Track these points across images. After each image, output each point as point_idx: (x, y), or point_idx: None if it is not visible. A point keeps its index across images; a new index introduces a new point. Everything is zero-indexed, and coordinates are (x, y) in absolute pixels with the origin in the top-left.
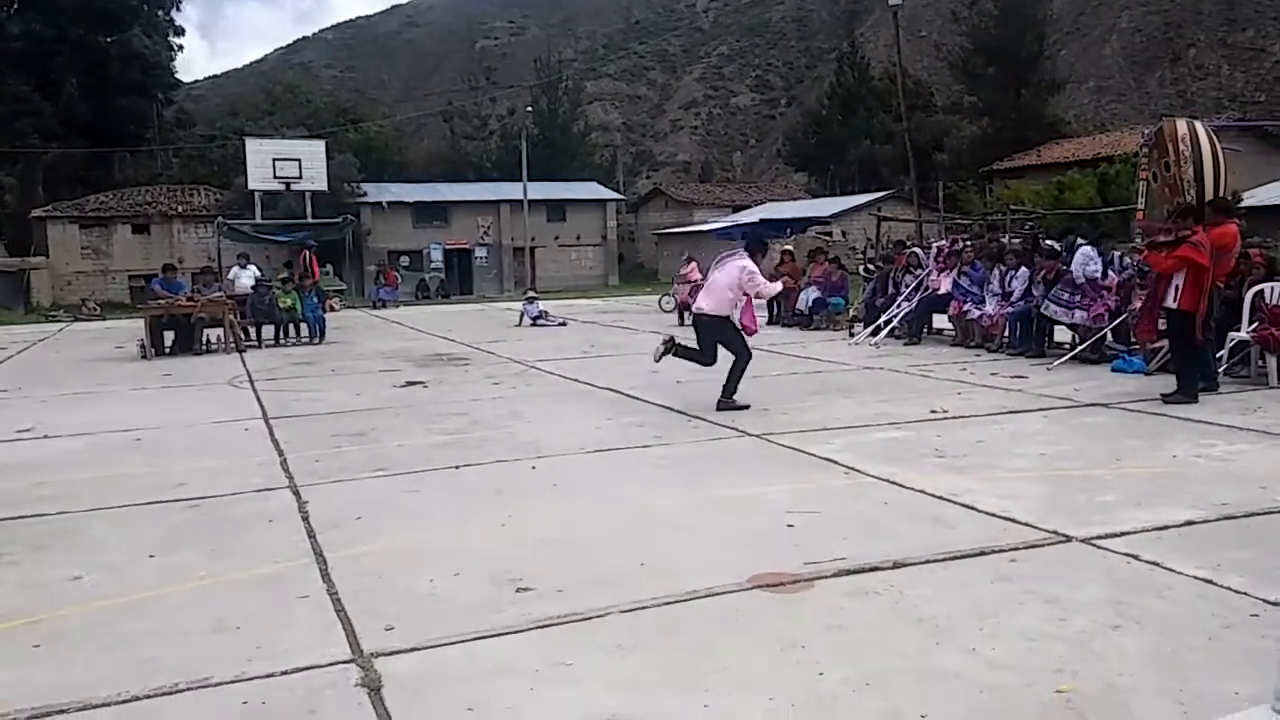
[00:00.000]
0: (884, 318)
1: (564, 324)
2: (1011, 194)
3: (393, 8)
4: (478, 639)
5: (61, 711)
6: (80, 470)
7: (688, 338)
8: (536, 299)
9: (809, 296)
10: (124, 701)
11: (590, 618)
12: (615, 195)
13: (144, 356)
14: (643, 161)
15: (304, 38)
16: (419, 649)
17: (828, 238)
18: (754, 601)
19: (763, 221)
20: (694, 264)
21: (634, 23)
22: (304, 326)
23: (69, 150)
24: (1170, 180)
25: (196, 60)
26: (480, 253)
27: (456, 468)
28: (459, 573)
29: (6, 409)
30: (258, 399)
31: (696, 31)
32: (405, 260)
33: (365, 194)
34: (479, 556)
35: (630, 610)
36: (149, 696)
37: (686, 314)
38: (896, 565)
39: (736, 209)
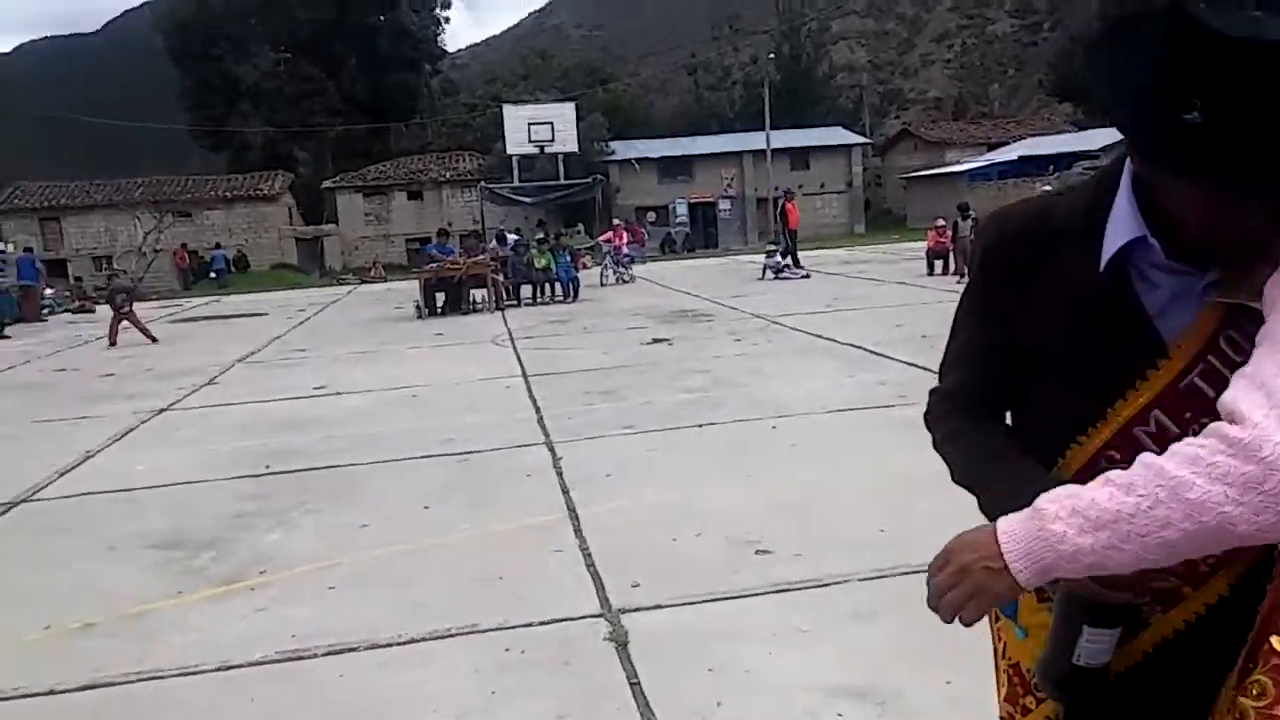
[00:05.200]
0: None
1: (807, 276)
2: None
3: None
4: (718, 600)
5: (352, 650)
6: (366, 425)
7: (935, 285)
8: (777, 250)
9: None
10: (403, 643)
11: (828, 584)
12: (861, 139)
13: (419, 316)
14: (891, 101)
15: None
16: (662, 607)
17: None
18: None
19: (1022, 159)
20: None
21: None
22: (559, 286)
23: (352, 126)
24: None
25: (460, 30)
26: (724, 205)
27: (699, 426)
28: (700, 533)
29: (306, 367)
30: (517, 357)
31: None
32: (652, 216)
33: (613, 152)
34: (720, 517)
35: (870, 578)
36: (424, 639)
37: (937, 263)
38: None
39: (992, 147)
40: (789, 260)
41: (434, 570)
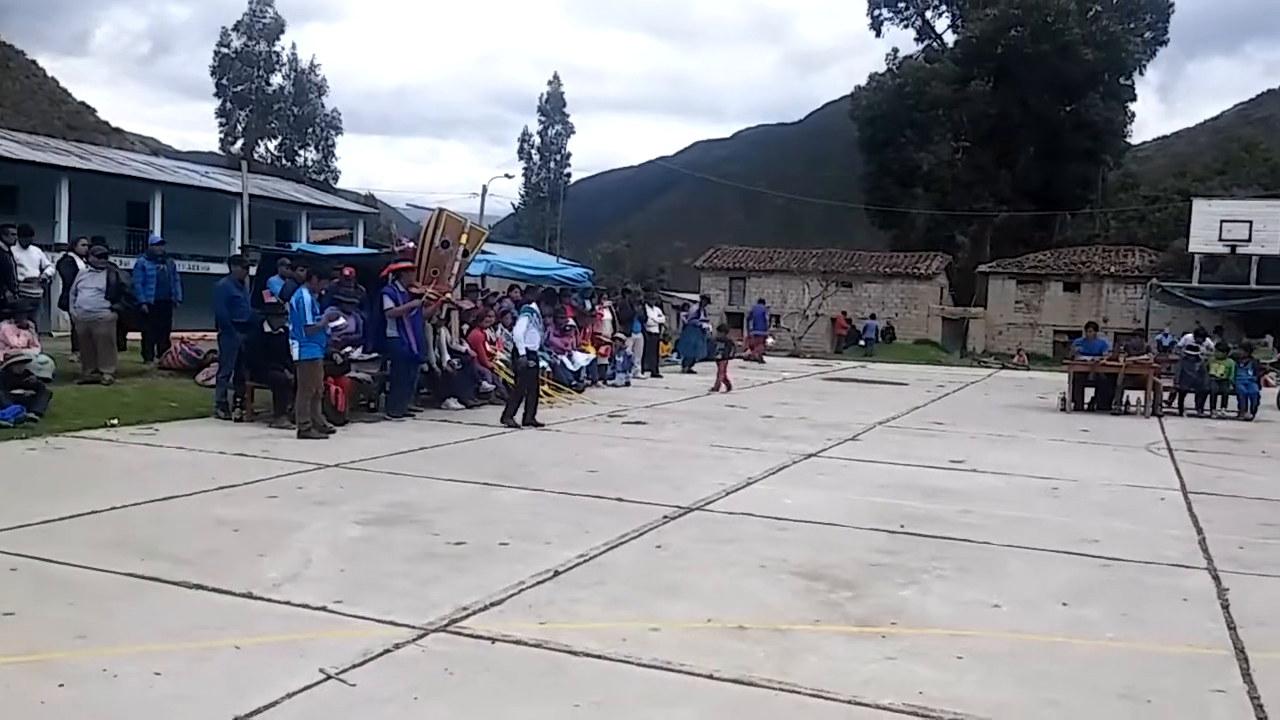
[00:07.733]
0: None
1: None
2: None
3: None
4: None
5: None
6: (1001, 507)
7: None
8: None
9: None
10: None
11: None
12: None
13: (1063, 409)
14: None
15: (1268, 91)
16: None
17: None
18: None
19: None
20: None
21: None
22: (1233, 400)
23: (1016, 213)
24: None
25: (1148, 121)
26: None
27: None
28: None
29: (943, 439)
30: (1176, 469)
31: None
32: None
33: None
34: None
35: None
36: None
37: None
38: None
39: None
40: None
41: (1071, 670)
